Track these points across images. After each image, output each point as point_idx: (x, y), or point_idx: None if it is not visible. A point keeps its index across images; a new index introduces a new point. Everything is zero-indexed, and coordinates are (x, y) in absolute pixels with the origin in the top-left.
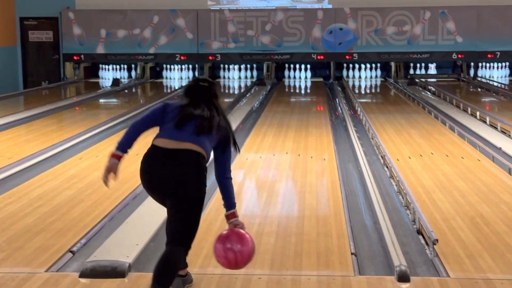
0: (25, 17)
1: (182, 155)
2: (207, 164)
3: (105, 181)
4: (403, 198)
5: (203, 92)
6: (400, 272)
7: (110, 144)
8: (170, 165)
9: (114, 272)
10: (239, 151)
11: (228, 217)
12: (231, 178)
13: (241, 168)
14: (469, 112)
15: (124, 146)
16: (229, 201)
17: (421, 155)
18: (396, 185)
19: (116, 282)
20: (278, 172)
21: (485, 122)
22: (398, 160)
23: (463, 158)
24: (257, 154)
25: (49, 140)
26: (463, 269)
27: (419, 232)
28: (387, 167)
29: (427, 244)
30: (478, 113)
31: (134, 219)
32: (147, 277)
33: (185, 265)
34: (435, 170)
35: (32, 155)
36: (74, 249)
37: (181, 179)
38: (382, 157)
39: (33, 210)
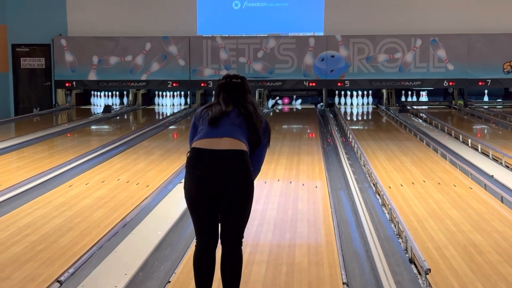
0: (17, 44)
1: (225, 155)
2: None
3: None
4: (395, 226)
5: (236, 88)
6: None
7: (101, 171)
8: (216, 166)
9: None
10: (269, 146)
11: None
12: (257, 172)
13: None
14: (461, 139)
15: None
16: None
17: (413, 183)
18: (388, 213)
19: None
20: (269, 200)
21: (477, 149)
22: (390, 187)
23: (455, 186)
24: None
25: (39, 167)
26: None
27: (411, 261)
28: (379, 195)
29: (419, 273)
30: (469, 141)
31: (123, 248)
32: None
33: None
34: (427, 198)
35: (21, 183)
36: (62, 278)
37: (229, 179)
38: (374, 184)
39: (21, 238)
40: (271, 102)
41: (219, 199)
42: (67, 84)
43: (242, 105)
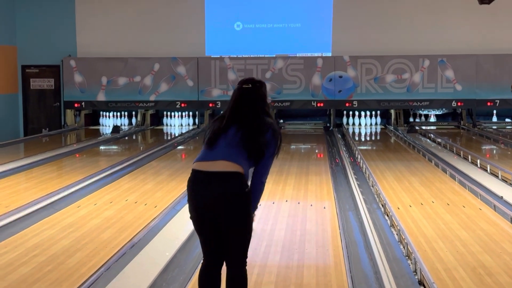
0: (27, 65)
1: (220, 178)
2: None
3: None
4: (404, 247)
5: (246, 96)
6: None
7: (109, 191)
8: (211, 190)
9: None
10: (277, 155)
11: None
12: (264, 183)
13: None
14: (470, 160)
15: None
16: (256, 203)
17: (422, 204)
18: (397, 234)
19: None
20: (277, 221)
21: (486, 170)
22: (398, 208)
23: (464, 206)
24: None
25: (48, 187)
26: None
27: (420, 283)
28: (387, 216)
29: None
30: (478, 161)
31: (131, 269)
32: None
33: None
34: (436, 219)
35: (30, 203)
36: None
37: (225, 204)
38: (382, 205)
39: (29, 259)
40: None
41: (218, 220)
42: (76, 105)
43: (244, 120)
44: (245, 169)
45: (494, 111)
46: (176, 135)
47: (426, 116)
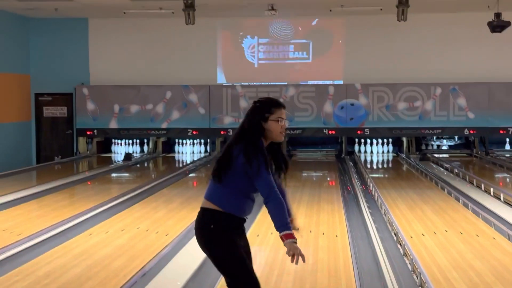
0: (40, 93)
1: (198, 215)
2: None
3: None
4: (417, 277)
5: (247, 116)
6: None
7: (121, 219)
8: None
9: None
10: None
11: (282, 239)
12: (269, 202)
13: (251, 245)
14: (483, 188)
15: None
16: (274, 224)
17: (435, 233)
18: (410, 263)
19: None
20: None
21: (499, 198)
22: (411, 237)
23: (477, 236)
24: (268, 230)
25: (60, 215)
26: None
27: None
28: (400, 245)
29: None
30: (492, 190)
31: None
32: None
33: None
34: (449, 248)
35: (41, 231)
36: None
37: (200, 244)
38: (395, 234)
39: None
40: None
41: None
42: (88, 133)
43: (233, 145)
44: (222, 201)
45: (507, 139)
46: (188, 162)
47: (438, 145)
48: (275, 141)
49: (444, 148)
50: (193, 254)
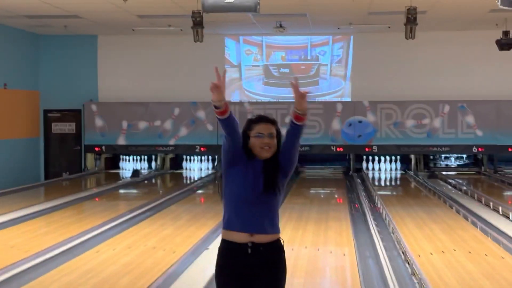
0: (49, 109)
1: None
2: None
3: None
4: None
5: None
6: None
7: (128, 236)
8: None
9: None
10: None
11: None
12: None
13: None
14: (491, 207)
15: None
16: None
17: (443, 251)
18: (418, 283)
19: None
20: (296, 268)
21: (508, 217)
22: (419, 256)
23: (486, 255)
24: None
25: (68, 232)
26: None
27: None
28: (408, 264)
29: None
30: (500, 208)
31: None
32: None
33: None
34: (458, 268)
35: (49, 248)
36: None
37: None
38: (403, 252)
39: None
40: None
41: None
42: (96, 149)
43: None
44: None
45: None
46: (196, 179)
47: (447, 164)
48: (259, 158)
49: (453, 166)
50: (201, 272)
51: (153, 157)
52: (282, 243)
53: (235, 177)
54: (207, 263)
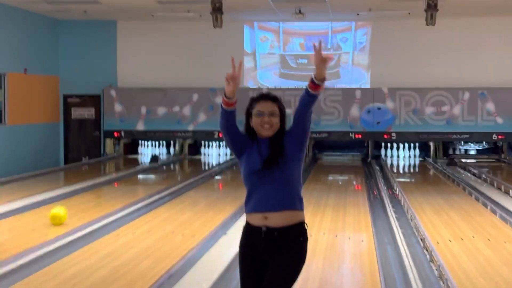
0: (68, 95)
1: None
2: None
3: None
4: (444, 283)
5: None
6: None
7: (147, 221)
8: None
9: None
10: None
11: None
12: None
13: None
14: (511, 194)
15: None
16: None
17: (462, 239)
18: (436, 269)
19: None
20: (314, 254)
21: None
22: (438, 243)
23: (505, 242)
24: None
25: (87, 216)
26: None
27: None
28: (427, 250)
29: None
30: None
31: None
32: None
33: None
34: (477, 255)
35: (68, 232)
36: None
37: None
38: (421, 239)
39: None
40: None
41: None
42: (115, 134)
43: None
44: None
45: None
46: (214, 165)
47: (466, 149)
48: (260, 136)
49: (472, 153)
50: (219, 257)
51: (172, 142)
52: (306, 227)
53: (244, 161)
54: (225, 248)
